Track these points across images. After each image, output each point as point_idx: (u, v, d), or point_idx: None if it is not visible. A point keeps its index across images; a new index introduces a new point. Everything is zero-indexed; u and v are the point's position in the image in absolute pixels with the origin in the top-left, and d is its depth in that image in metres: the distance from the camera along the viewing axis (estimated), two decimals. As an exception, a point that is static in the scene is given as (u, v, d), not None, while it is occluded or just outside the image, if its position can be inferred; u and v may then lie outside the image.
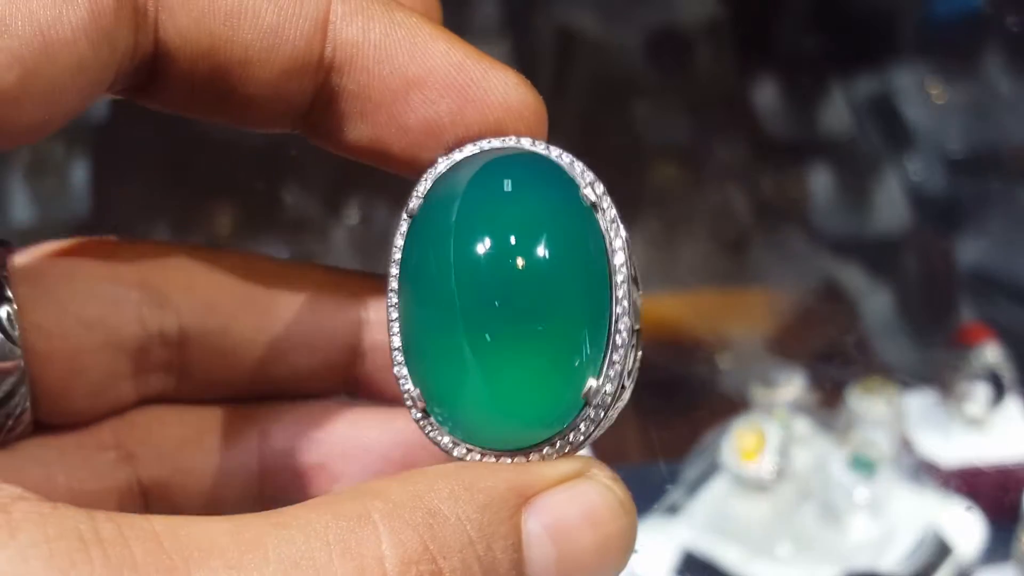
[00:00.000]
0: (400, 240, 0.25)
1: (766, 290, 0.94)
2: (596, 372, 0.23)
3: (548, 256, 0.23)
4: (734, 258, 0.94)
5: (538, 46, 1.02)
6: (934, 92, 0.97)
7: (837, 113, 0.99)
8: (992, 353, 0.79)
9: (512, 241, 0.23)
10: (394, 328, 0.25)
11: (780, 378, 0.77)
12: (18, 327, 0.26)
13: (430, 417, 0.24)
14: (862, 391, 0.75)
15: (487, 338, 0.23)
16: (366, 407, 0.30)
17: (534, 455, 0.24)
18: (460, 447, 0.24)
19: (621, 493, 0.23)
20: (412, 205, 0.25)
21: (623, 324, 0.24)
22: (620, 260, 0.24)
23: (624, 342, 0.24)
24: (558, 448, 0.24)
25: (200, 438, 0.29)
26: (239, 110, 0.26)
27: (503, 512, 0.21)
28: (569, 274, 0.23)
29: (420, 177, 0.26)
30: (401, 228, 0.25)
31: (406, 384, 0.25)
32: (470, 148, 0.26)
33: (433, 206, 0.25)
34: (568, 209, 0.24)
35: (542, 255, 0.23)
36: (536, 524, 0.22)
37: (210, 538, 0.19)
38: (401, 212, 0.26)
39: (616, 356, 0.24)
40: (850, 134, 0.99)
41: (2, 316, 0.26)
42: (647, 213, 0.92)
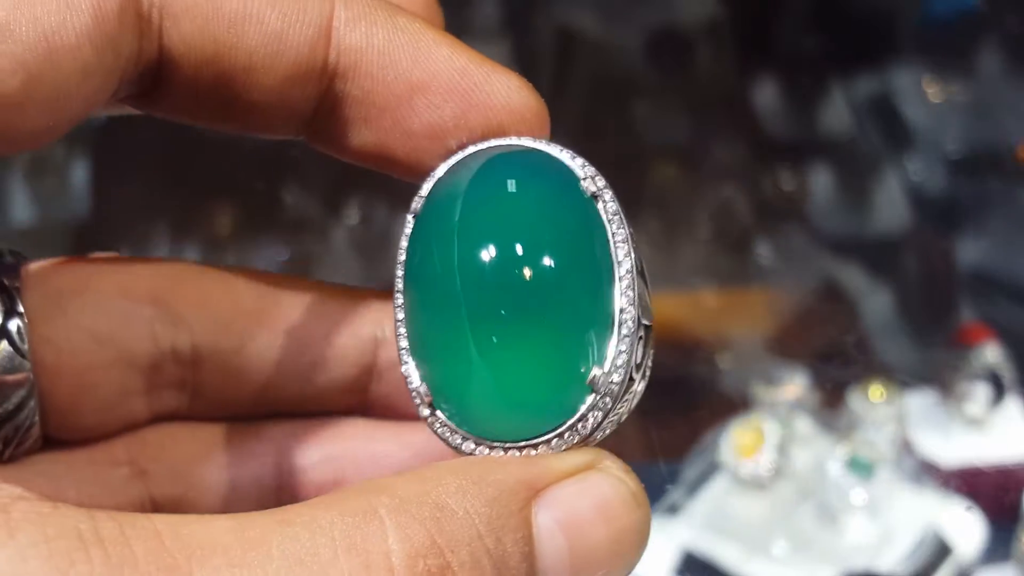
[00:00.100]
0: (405, 241, 0.25)
1: (766, 290, 0.94)
2: (601, 362, 0.23)
3: (551, 251, 0.23)
4: (734, 258, 0.94)
5: (538, 46, 1.02)
6: (931, 91, 0.97)
7: (837, 113, 0.99)
8: (992, 353, 0.79)
9: (514, 237, 0.23)
10: (400, 328, 0.25)
11: (783, 377, 0.77)
12: (28, 340, 0.26)
13: (437, 412, 0.24)
14: (863, 392, 0.75)
15: (493, 339, 0.23)
16: (381, 423, 0.30)
17: (543, 447, 0.23)
18: (468, 441, 0.24)
19: (633, 485, 0.23)
20: (416, 205, 0.25)
21: (628, 315, 0.24)
22: (623, 252, 0.24)
23: (630, 331, 0.24)
24: (567, 439, 0.23)
25: (213, 455, 0.29)
26: (243, 116, 0.26)
27: (513, 505, 0.21)
28: (572, 268, 0.23)
29: (423, 180, 0.26)
30: (406, 229, 0.25)
31: (413, 381, 0.25)
32: (471, 148, 0.26)
33: (436, 205, 0.25)
34: (569, 202, 0.24)
35: (545, 250, 0.23)
36: (547, 517, 0.22)
37: (213, 536, 0.19)
38: (400, 212, 0.26)
39: (622, 346, 0.23)
40: (850, 134, 0.99)
41: (12, 329, 0.26)
42: (647, 213, 0.92)
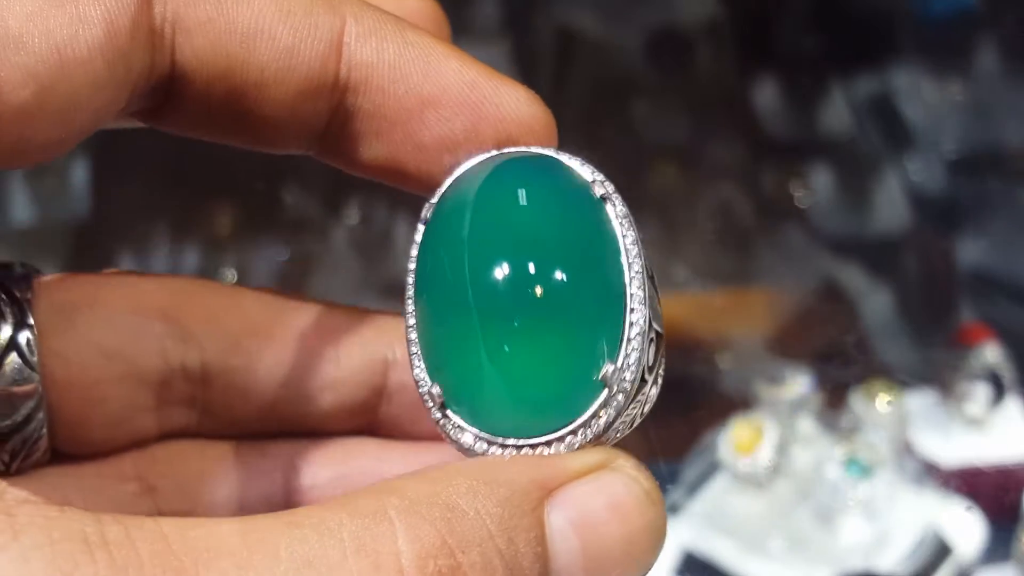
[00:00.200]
0: (415, 249, 0.25)
1: (766, 290, 0.94)
2: (614, 358, 0.23)
3: (563, 257, 0.23)
4: (734, 258, 0.94)
5: (538, 46, 1.02)
6: (931, 91, 0.97)
7: (837, 113, 0.99)
8: (992, 353, 0.79)
9: (525, 242, 0.23)
10: (411, 334, 0.25)
11: (785, 376, 0.77)
12: (37, 353, 0.26)
13: (448, 413, 0.24)
14: (865, 394, 0.75)
15: (505, 348, 0.23)
16: (390, 442, 0.30)
17: (556, 445, 0.23)
18: (481, 442, 0.24)
19: (647, 483, 0.23)
20: (426, 213, 0.26)
21: (639, 315, 0.24)
22: (634, 254, 0.24)
23: (642, 331, 0.24)
24: (580, 437, 0.23)
25: (222, 473, 0.29)
26: (254, 131, 0.26)
27: (525, 505, 0.21)
28: (584, 271, 0.23)
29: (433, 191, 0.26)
30: (416, 236, 0.26)
31: (424, 384, 0.25)
32: (481, 156, 0.26)
33: (446, 212, 0.25)
34: (579, 204, 0.24)
35: (557, 256, 0.23)
36: (560, 517, 0.21)
37: (220, 539, 0.18)
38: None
39: (634, 344, 0.23)
40: (850, 134, 0.99)
41: (22, 341, 0.26)
42: (647, 213, 0.91)
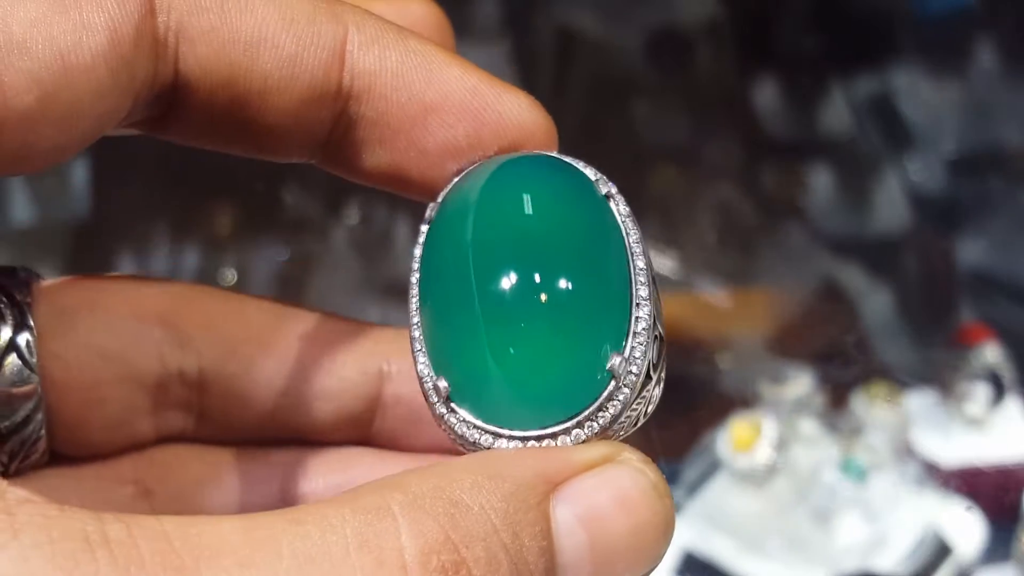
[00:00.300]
0: (419, 249, 0.26)
1: (766, 290, 0.94)
2: (620, 350, 0.23)
3: (569, 255, 0.24)
4: (734, 258, 0.94)
5: (538, 46, 1.02)
6: (932, 91, 0.97)
7: (837, 113, 0.99)
8: (992, 353, 0.79)
9: (530, 240, 0.24)
10: (415, 332, 0.25)
11: (788, 375, 0.77)
12: (37, 355, 0.26)
13: (454, 407, 0.24)
14: (866, 396, 0.75)
15: (511, 350, 0.23)
16: (386, 453, 0.30)
17: (563, 437, 0.23)
18: (486, 435, 0.24)
19: (654, 476, 0.22)
20: (429, 213, 0.26)
21: (644, 311, 0.24)
22: (638, 252, 0.24)
23: (648, 327, 0.24)
24: (587, 430, 0.23)
25: (219, 478, 0.29)
26: (256, 140, 0.26)
27: (530, 500, 0.21)
28: (588, 268, 0.24)
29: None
30: (420, 238, 0.26)
31: (429, 380, 0.24)
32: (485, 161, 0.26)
33: (451, 210, 0.25)
34: (584, 200, 0.25)
35: (563, 254, 0.24)
36: (566, 511, 0.21)
37: (221, 536, 0.18)
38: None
39: (640, 339, 0.24)
40: (850, 134, 0.99)
41: (21, 343, 0.26)
42: (647, 213, 0.91)
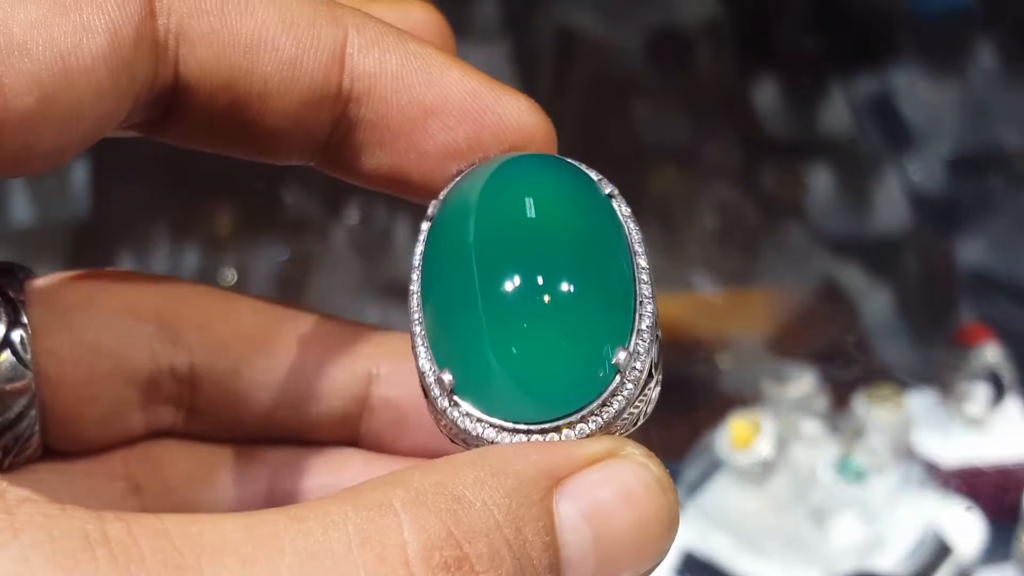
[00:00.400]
0: (421, 245, 0.26)
1: (766, 290, 0.94)
2: (626, 345, 0.23)
3: (571, 253, 0.24)
4: (734, 258, 0.94)
5: (538, 46, 1.02)
6: (932, 91, 0.97)
7: (837, 113, 0.99)
8: (992, 353, 0.79)
9: (533, 239, 0.24)
10: (416, 327, 0.25)
11: (790, 374, 0.77)
12: (31, 351, 0.26)
13: (456, 398, 0.24)
14: (868, 398, 0.75)
15: (513, 349, 0.23)
16: (374, 455, 0.30)
17: (567, 430, 0.23)
18: (489, 428, 0.24)
19: (658, 470, 0.22)
20: (431, 211, 0.26)
21: (647, 309, 0.24)
22: (640, 252, 0.24)
23: (651, 324, 0.24)
24: (590, 424, 0.23)
25: (208, 475, 0.29)
26: (256, 143, 0.26)
27: (533, 495, 0.21)
28: (592, 267, 0.24)
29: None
30: (421, 235, 0.26)
31: (431, 374, 0.24)
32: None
33: (453, 207, 0.25)
34: (586, 201, 0.25)
35: (565, 251, 0.23)
36: (569, 506, 0.21)
37: (223, 534, 0.18)
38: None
39: (644, 336, 0.24)
40: (850, 134, 0.99)
41: (15, 339, 0.26)
42: (647, 213, 0.92)
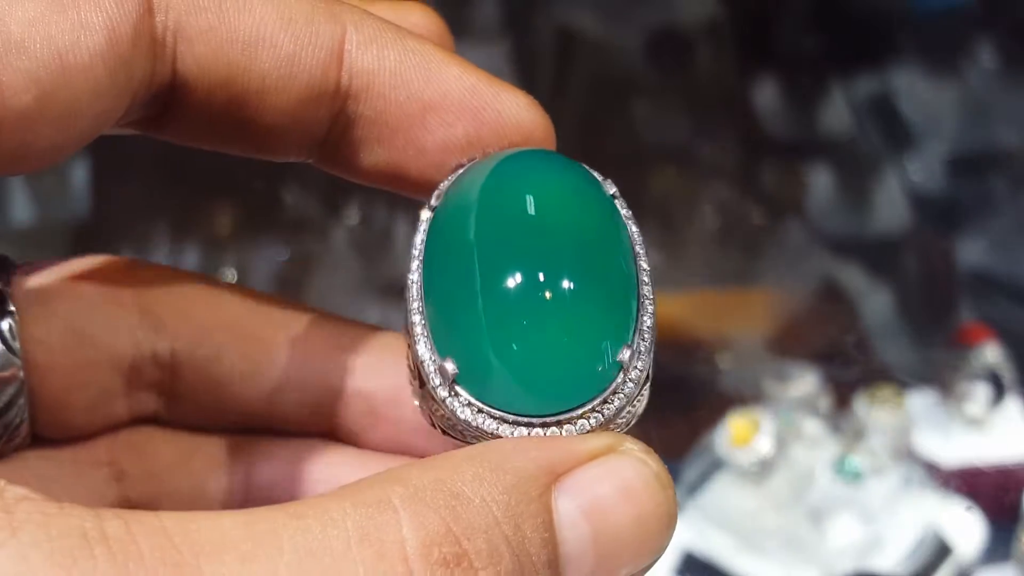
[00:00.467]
0: (421, 235, 0.25)
1: (766, 290, 0.94)
2: (630, 343, 0.23)
3: (573, 251, 0.23)
4: (734, 258, 0.94)
5: (538, 46, 1.02)
6: (932, 91, 0.97)
7: (837, 113, 0.99)
8: (992, 353, 0.79)
9: (535, 236, 0.23)
10: (414, 316, 0.25)
11: (793, 374, 0.77)
12: (19, 339, 0.26)
13: (457, 388, 0.24)
14: (870, 399, 0.75)
15: (513, 346, 0.23)
16: (351, 449, 0.30)
17: (568, 426, 0.23)
18: (490, 420, 0.24)
19: (656, 466, 0.22)
20: (433, 201, 0.26)
21: (648, 309, 0.24)
22: (642, 252, 0.24)
23: (651, 326, 0.24)
24: (591, 421, 0.23)
25: (188, 463, 0.29)
26: (254, 140, 0.26)
27: (531, 492, 0.21)
28: (595, 264, 0.23)
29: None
30: (422, 225, 0.26)
31: (431, 363, 0.24)
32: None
33: (456, 198, 0.25)
34: (594, 198, 0.25)
35: (567, 249, 0.23)
36: (568, 502, 0.21)
37: (222, 532, 0.18)
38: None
39: (646, 335, 0.24)
40: (850, 134, 0.99)
41: (3, 328, 0.26)
42: (646, 212, 0.92)
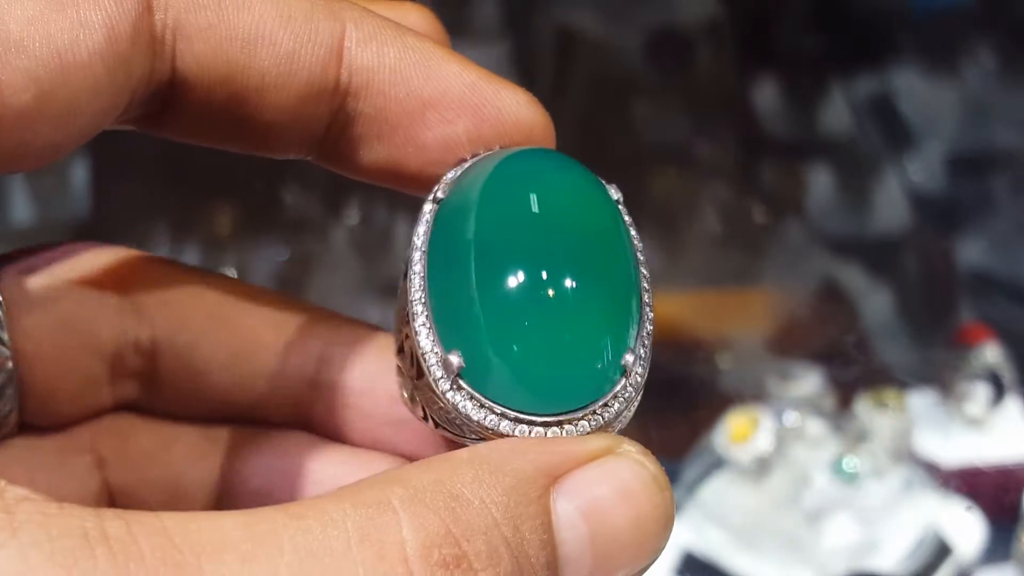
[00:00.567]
0: (423, 226, 0.25)
1: (766, 290, 0.94)
2: (632, 348, 0.24)
3: (575, 251, 0.23)
4: (734, 258, 0.94)
5: (538, 46, 1.02)
6: (932, 91, 0.97)
7: (837, 113, 0.99)
8: (992, 353, 0.79)
9: (537, 236, 0.23)
10: (416, 307, 0.24)
11: (796, 373, 0.77)
12: (7, 329, 0.26)
13: (461, 383, 0.24)
14: (871, 401, 0.75)
15: (514, 347, 0.23)
16: (328, 442, 0.30)
17: (569, 427, 0.23)
18: (492, 416, 0.24)
19: (654, 468, 0.22)
20: (436, 193, 0.26)
21: (648, 315, 0.24)
22: (643, 259, 0.24)
23: (650, 332, 0.24)
24: (591, 423, 0.23)
25: (166, 452, 0.29)
26: (254, 137, 0.26)
27: (531, 493, 0.21)
28: (596, 267, 0.24)
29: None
30: (424, 216, 0.25)
31: (433, 355, 0.24)
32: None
33: (459, 196, 0.25)
34: (598, 200, 0.25)
35: (570, 250, 0.23)
36: (566, 504, 0.21)
37: (223, 532, 0.18)
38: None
39: (646, 341, 0.24)
40: (850, 134, 0.99)
41: None
42: (647, 213, 0.92)
